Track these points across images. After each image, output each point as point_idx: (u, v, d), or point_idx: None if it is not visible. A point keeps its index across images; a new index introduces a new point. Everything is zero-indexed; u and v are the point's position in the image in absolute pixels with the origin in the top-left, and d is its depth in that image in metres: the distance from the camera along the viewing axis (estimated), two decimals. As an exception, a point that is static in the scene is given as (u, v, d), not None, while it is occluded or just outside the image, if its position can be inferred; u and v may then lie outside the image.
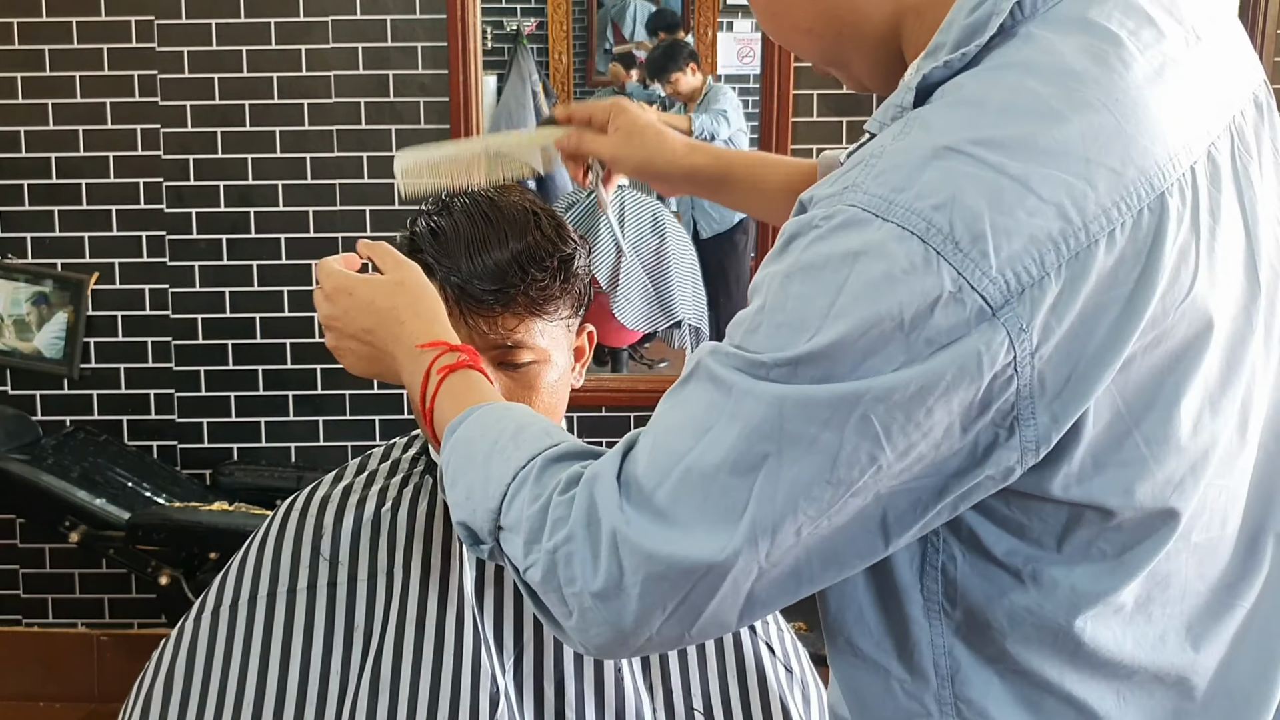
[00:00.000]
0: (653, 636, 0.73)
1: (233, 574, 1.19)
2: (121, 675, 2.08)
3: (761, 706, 1.15)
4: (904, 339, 0.64)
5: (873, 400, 0.64)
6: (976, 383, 0.64)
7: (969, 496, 0.70)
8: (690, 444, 0.69)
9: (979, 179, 0.64)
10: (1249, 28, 2.71)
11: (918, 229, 0.64)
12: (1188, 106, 0.71)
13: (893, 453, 0.66)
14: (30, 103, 2.76)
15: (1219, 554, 0.78)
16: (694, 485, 0.69)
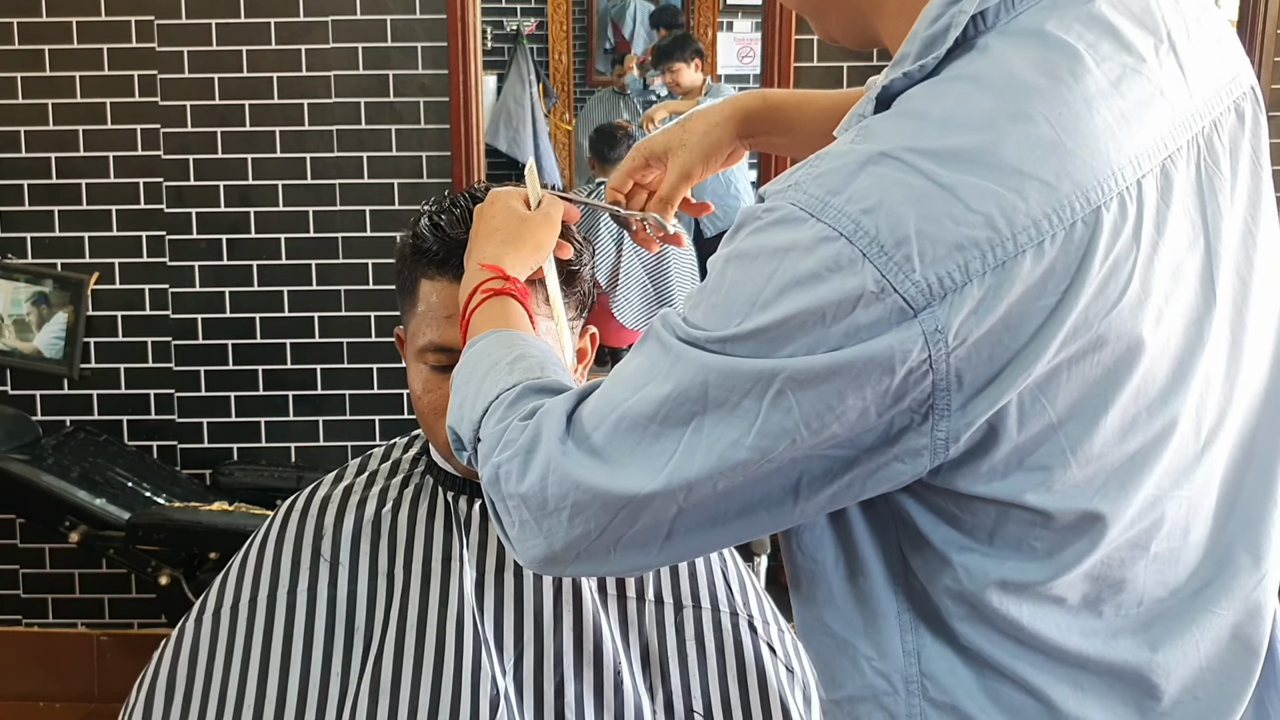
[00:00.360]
0: (580, 555, 0.79)
1: (233, 575, 1.19)
2: (121, 675, 2.08)
3: (762, 707, 1.15)
4: (823, 330, 0.68)
5: (789, 379, 0.69)
6: (890, 375, 0.68)
7: (880, 477, 0.73)
8: (629, 394, 0.76)
9: (908, 186, 0.66)
10: (1249, 28, 2.70)
11: (845, 230, 0.67)
12: (1143, 119, 0.71)
13: (806, 429, 0.70)
14: (30, 103, 2.76)
15: (1183, 562, 0.79)
16: (627, 430, 0.75)
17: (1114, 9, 0.73)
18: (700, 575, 1.22)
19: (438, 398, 1.14)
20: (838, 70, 2.71)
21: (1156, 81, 0.73)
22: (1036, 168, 0.67)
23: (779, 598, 1.28)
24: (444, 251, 1.12)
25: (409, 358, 1.18)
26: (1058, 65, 0.69)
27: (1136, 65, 0.72)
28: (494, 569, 1.16)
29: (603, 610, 1.16)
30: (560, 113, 5.51)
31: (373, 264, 2.80)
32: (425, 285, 1.13)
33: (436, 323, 1.12)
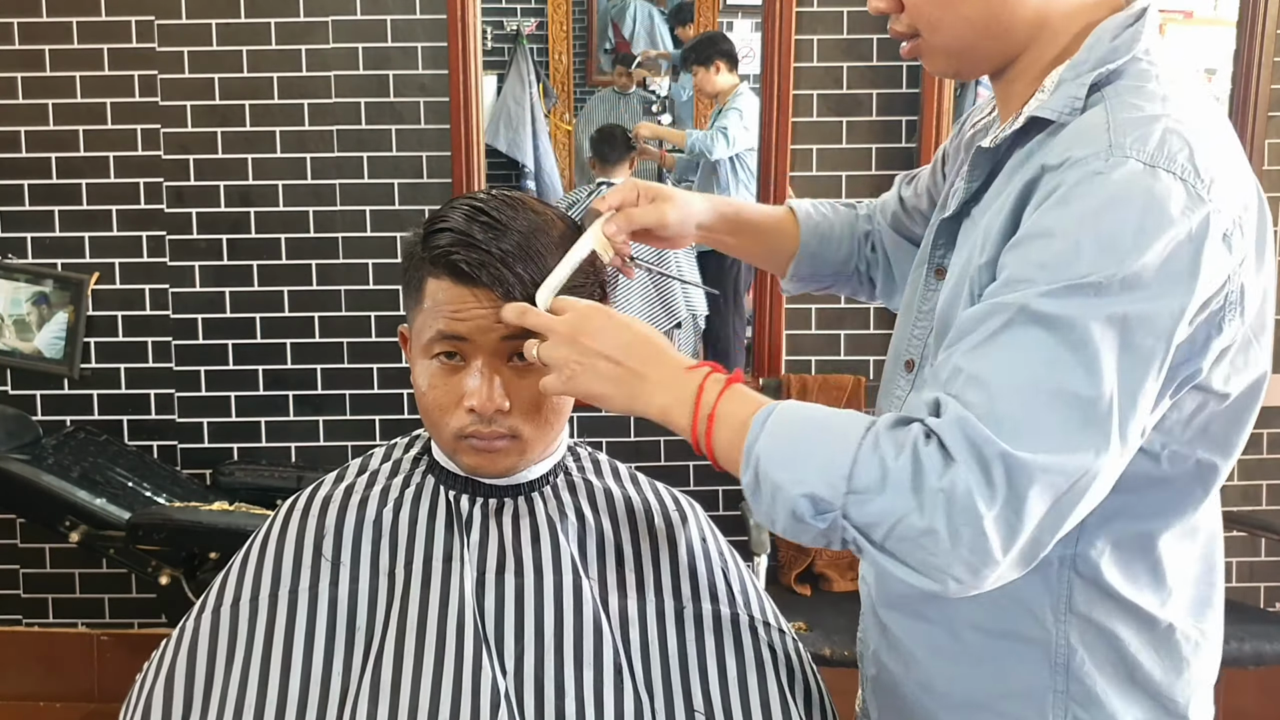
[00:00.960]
0: (1015, 556, 0.86)
1: (234, 574, 1.19)
2: (121, 675, 2.08)
3: (761, 707, 1.15)
4: (1193, 248, 0.87)
5: (1187, 309, 0.87)
6: (1220, 287, 0.90)
7: (1187, 383, 0.94)
8: (1043, 373, 0.85)
9: (1196, 144, 0.91)
10: (1249, 28, 2.70)
11: (1178, 172, 0.89)
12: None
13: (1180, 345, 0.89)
14: (30, 103, 2.76)
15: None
16: (1060, 404, 0.84)
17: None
18: (700, 574, 1.22)
19: (443, 394, 1.14)
20: (838, 70, 2.71)
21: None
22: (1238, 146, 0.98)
23: (779, 598, 1.28)
24: (468, 262, 1.11)
25: (414, 355, 1.18)
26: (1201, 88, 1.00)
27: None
28: (494, 568, 1.16)
29: (603, 611, 1.16)
30: (560, 113, 5.50)
31: (373, 264, 2.81)
32: (432, 284, 1.13)
33: (443, 317, 1.12)
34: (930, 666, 1.11)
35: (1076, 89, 0.98)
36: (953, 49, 1.05)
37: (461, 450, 1.16)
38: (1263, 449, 2.82)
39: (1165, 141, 0.90)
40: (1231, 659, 2.32)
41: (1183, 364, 0.92)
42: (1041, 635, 1.03)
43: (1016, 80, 1.06)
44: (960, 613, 1.06)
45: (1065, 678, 1.03)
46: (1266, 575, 2.92)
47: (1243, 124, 2.72)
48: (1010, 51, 1.04)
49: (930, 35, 1.04)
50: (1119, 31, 0.99)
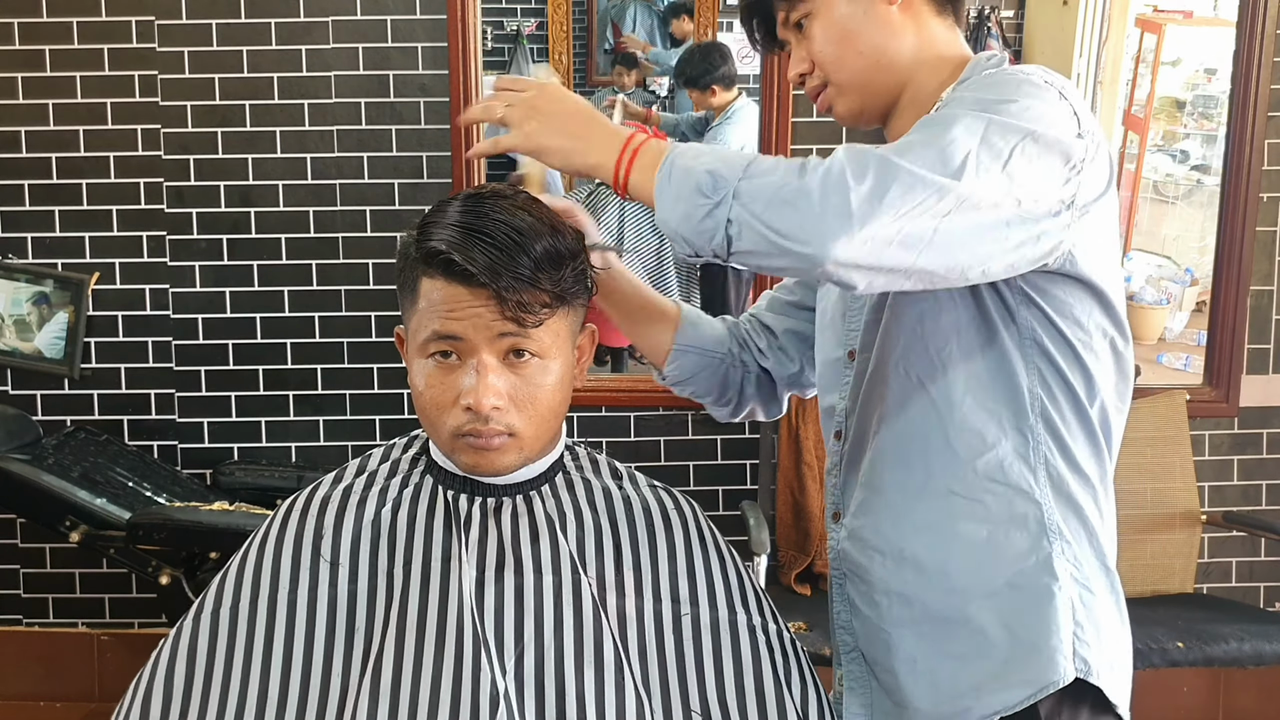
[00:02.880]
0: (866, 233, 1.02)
1: (232, 575, 1.19)
2: (122, 675, 2.08)
3: (759, 707, 1.15)
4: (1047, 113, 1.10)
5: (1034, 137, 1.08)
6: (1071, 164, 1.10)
7: (1054, 252, 1.12)
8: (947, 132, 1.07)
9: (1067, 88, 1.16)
10: (1249, 28, 2.70)
11: (1049, 80, 1.15)
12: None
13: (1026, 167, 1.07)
14: (31, 103, 2.76)
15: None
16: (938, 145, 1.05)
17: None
18: (700, 575, 1.22)
19: (440, 393, 1.14)
20: (837, 70, 2.71)
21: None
22: (1082, 105, 1.16)
23: (779, 597, 1.28)
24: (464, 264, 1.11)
25: (410, 355, 1.18)
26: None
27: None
28: (494, 568, 1.16)
29: (603, 609, 1.16)
30: (560, 113, 5.48)
31: (373, 264, 2.81)
32: (426, 283, 1.13)
33: (438, 316, 1.12)
34: (945, 570, 1.23)
35: (952, 91, 1.21)
36: (854, 84, 1.26)
37: (459, 449, 1.16)
38: (1263, 449, 2.82)
39: (1045, 74, 1.15)
40: (1231, 659, 2.32)
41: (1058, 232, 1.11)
42: (1035, 510, 1.21)
43: (903, 113, 1.26)
44: (956, 512, 1.22)
45: (1059, 540, 1.21)
46: (1266, 575, 2.92)
47: (1243, 124, 2.72)
48: (896, 86, 1.26)
49: (835, 75, 1.26)
50: (991, 57, 1.25)
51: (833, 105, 1.29)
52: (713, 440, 2.86)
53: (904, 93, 1.26)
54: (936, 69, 1.25)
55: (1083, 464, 1.23)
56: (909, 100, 1.26)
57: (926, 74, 1.25)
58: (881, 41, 1.24)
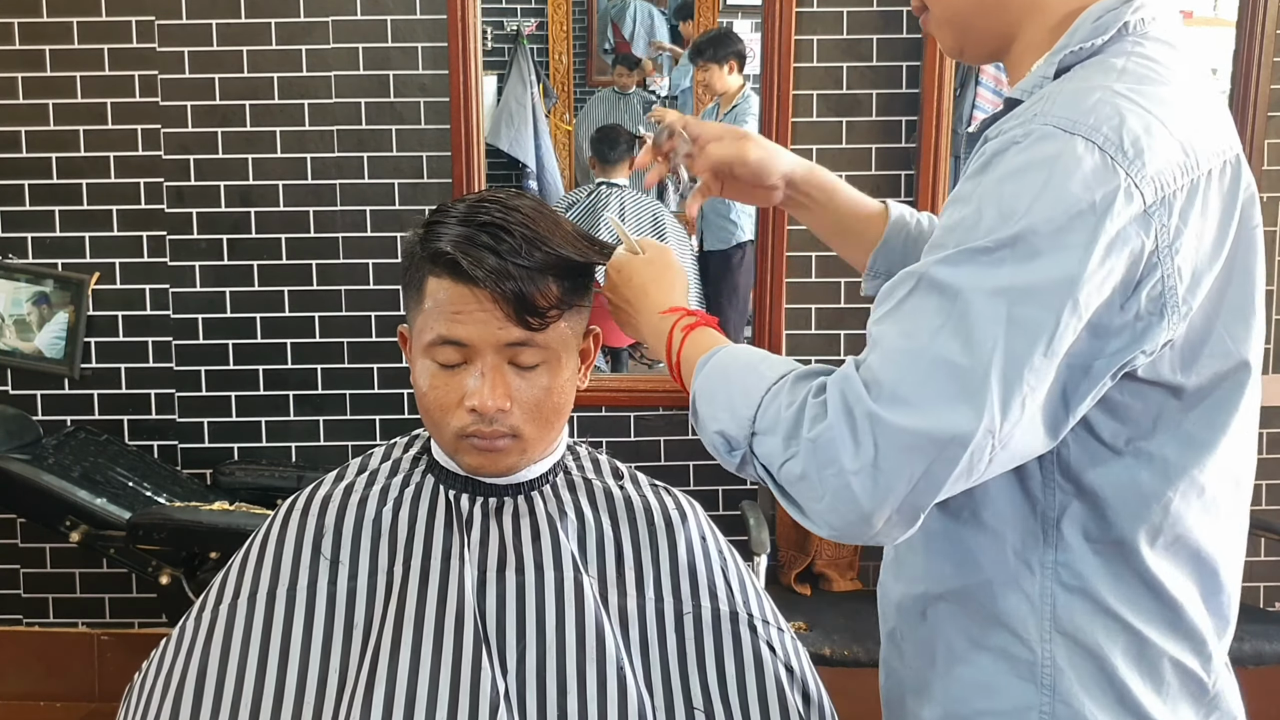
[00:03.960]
0: (891, 516, 0.86)
1: (233, 572, 1.19)
2: (122, 675, 2.08)
3: (760, 707, 1.15)
4: (1094, 220, 0.84)
5: (1080, 285, 0.84)
6: (1138, 265, 0.86)
7: (1123, 369, 0.90)
8: (925, 341, 0.85)
9: (1135, 112, 0.88)
10: (1249, 27, 2.70)
11: (1097, 140, 0.86)
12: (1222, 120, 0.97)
13: (1086, 325, 0.86)
14: (31, 103, 2.76)
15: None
16: (935, 371, 0.84)
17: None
18: (700, 574, 1.23)
19: (443, 393, 1.14)
20: (837, 71, 2.71)
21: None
22: (1205, 117, 0.93)
23: (779, 597, 1.28)
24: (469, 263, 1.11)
25: (414, 354, 1.18)
26: (1186, 61, 0.95)
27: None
28: (495, 567, 1.16)
29: (604, 609, 1.16)
30: (560, 113, 5.50)
31: (373, 264, 2.81)
32: (433, 283, 1.13)
33: (444, 318, 1.12)
34: (930, 675, 1.08)
35: (1045, 68, 0.97)
36: (952, 21, 1.07)
37: (463, 450, 1.16)
38: (1263, 449, 2.82)
39: (1094, 109, 0.88)
40: (1232, 659, 2.32)
41: (1117, 353, 0.88)
42: (1027, 655, 1.00)
43: (1017, 65, 1.05)
44: (954, 623, 1.04)
45: (1052, 699, 0.99)
46: (1266, 575, 2.92)
47: (1243, 124, 2.72)
48: (1005, 30, 1.04)
49: (933, 7, 1.08)
50: (1102, 14, 0.97)
51: (934, 34, 1.12)
52: (713, 440, 2.86)
53: (1015, 42, 1.05)
54: (1048, 18, 1.02)
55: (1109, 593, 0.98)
56: (1019, 54, 1.05)
57: (1039, 24, 1.03)
58: None
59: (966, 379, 0.84)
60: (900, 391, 0.85)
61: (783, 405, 0.92)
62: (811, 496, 0.89)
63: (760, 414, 0.94)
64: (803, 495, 0.90)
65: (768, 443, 0.93)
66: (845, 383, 0.88)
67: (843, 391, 0.87)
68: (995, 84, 2.90)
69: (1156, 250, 0.87)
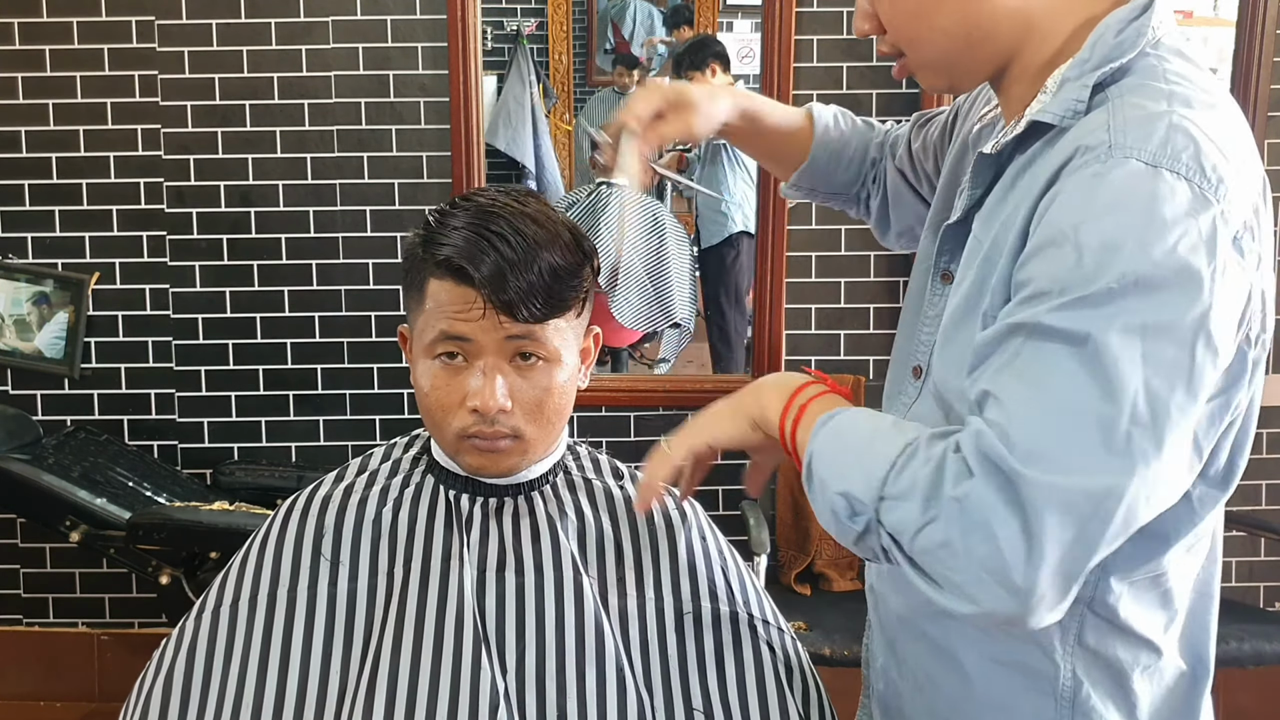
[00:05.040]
0: (1044, 586, 0.79)
1: (233, 573, 1.19)
2: (122, 675, 2.08)
3: (760, 707, 1.15)
4: (1206, 249, 0.81)
5: (1210, 316, 0.81)
6: (1244, 293, 0.84)
7: (1237, 410, 0.89)
8: (1058, 392, 0.80)
9: (1203, 139, 0.85)
10: (1249, 27, 2.70)
11: (1182, 171, 0.83)
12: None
13: (1219, 360, 0.83)
14: (31, 103, 2.76)
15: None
16: (1077, 422, 0.79)
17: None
18: (700, 574, 1.22)
19: (445, 394, 1.14)
20: (837, 70, 2.71)
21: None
22: (1249, 141, 0.91)
23: (779, 597, 1.28)
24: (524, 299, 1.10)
25: (415, 355, 1.18)
26: (1210, 75, 0.94)
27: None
28: (495, 567, 1.16)
29: (603, 609, 1.16)
30: (560, 113, 5.50)
31: (373, 264, 2.81)
32: (434, 284, 1.13)
33: (446, 317, 1.12)
34: (935, 691, 1.07)
35: (1079, 90, 0.92)
36: (938, 63, 1.00)
37: (464, 450, 1.16)
38: (1262, 449, 2.82)
39: (1169, 139, 0.84)
40: (1231, 659, 2.32)
41: (1232, 389, 0.87)
42: (1049, 668, 0.99)
43: (1014, 84, 1.00)
44: (967, 639, 1.03)
45: (1071, 711, 0.99)
46: (1266, 575, 2.92)
47: (1242, 124, 2.72)
48: (999, 58, 0.98)
49: (913, 53, 1.01)
50: (1123, 26, 0.93)
51: (914, 76, 1.05)
52: (713, 440, 2.86)
53: (1011, 65, 0.99)
54: (1048, 34, 0.96)
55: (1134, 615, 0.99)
56: (1017, 74, 0.99)
57: (1039, 37, 0.97)
58: (974, 10, 0.96)
59: (1111, 428, 0.79)
60: (1041, 447, 0.79)
61: (919, 464, 0.85)
62: (954, 567, 0.81)
63: (893, 476, 0.86)
64: (943, 566, 0.82)
65: (900, 509, 0.84)
66: (981, 439, 0.81)
67: (980, 447, 0.81)
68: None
69: (1254, 279, 0.86)
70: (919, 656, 1.08)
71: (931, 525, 0.82)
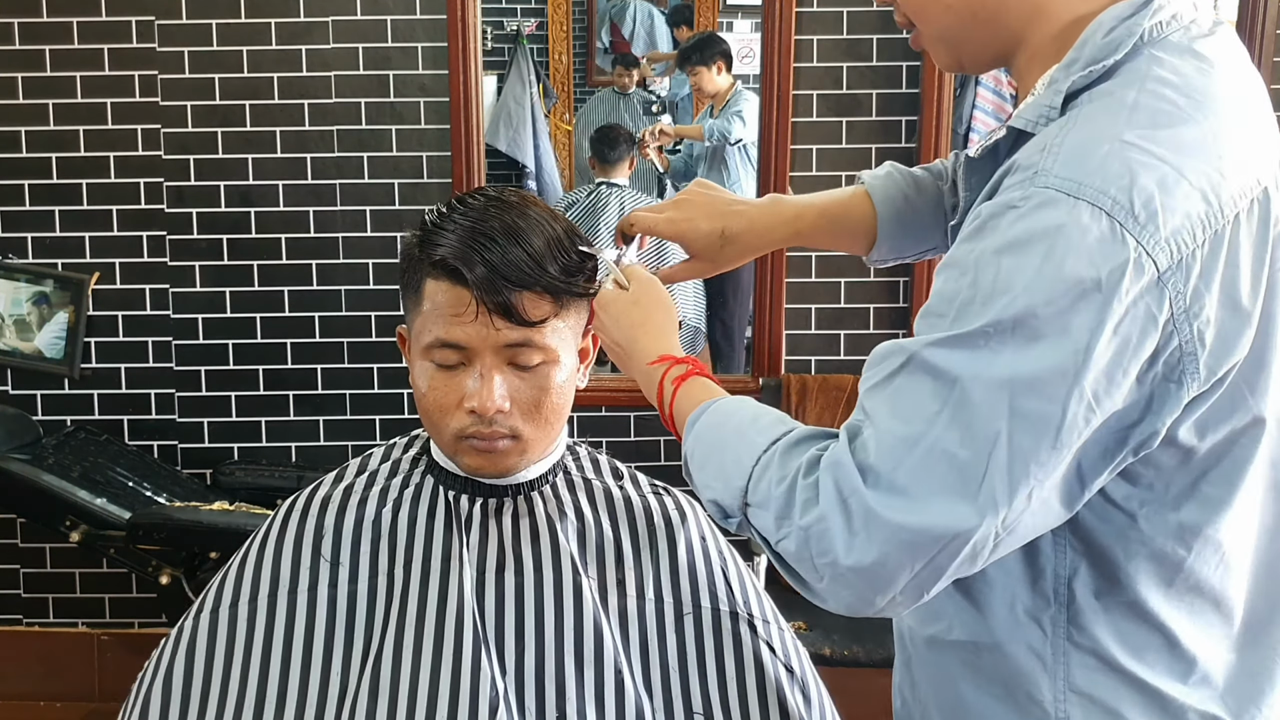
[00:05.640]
0: (895, 597, 0.83)
1: (233, 574, 1.19)
2: (122, 675, 2.08)
3: (760, 707, 1.15)
4: (1100, 299, 0.77)
5: (1087, 371, 0.77)
6: (1151, 339, 0.79)
7: (1144, 445, 0.83)
8: (922, 428, 0.80)
9: (1148, 165, 0.79)
10: (1249, 28, 2.70)
11: (1104, 205, 0.78)
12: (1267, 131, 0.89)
13: (1098, 412, 0.79)
14: (31, 103, 2.76)
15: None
16: (933, 463, 0.80)
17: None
18: (700, 574, 1.22)
19: (443, 395, 1.14)
20: (837, 70, 2.71)
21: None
22: (1229, 151, 0.82)
23: (779, 597, 1.28)
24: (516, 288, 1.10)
25: (413, 356, 1.18)
26: (1211, 73, 0.85)
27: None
28: (494, 568, 1.16)
29: (603, 610, 1.16)
30: (560, 113, 5.50)
31: (373, 264, 2.81)
32: (431, 285, 1.13)
33: (443, 320, 1.12)
34: (937, 715, 1.05)
35: (1052, 96, 0.88)
36: (945, 38, 0.98)
37: (462, 451, 1.16)
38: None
39: (1102, 167, 0.79)
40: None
41: (1133, 426, 0.82)
42: (1040, 715, 0.95)
43: (1025, 75, 0.96)
44: (966, 671, 1.00)
45: None
46: (1266, 575, 2.92)
47: (1242, 124, 2.72)
48: (1007, 40, 0.95)
49: (922, 26, 0.99)
50: (1115, 25, 0.87)
51: (926, 50, 1.03)
52: (713, 440, 2.86)
53: (1020, 49, 0.95)
54: (1052, 24, 0.92)
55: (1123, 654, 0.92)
56: (1026, 63, 0.95)
57: (1042, 31, 0.93)
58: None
59: (967, 474, 0.79)
60: (897, 481, 0.80)
61: (773, 481, 0.88)
62: (811, 576, 0.86)
63: (752, 486, 0.90)
64: (801, 572, 0.87)
65: (762, 517, 0.89)
66: (838, 470, 0.83)
67: (836, 480, 0.83)
68: (996, 84, 2.90)
69: (1173, 318, 0.79)
70: (928, 681, 1.06)
71: (785, 540, 0.87)
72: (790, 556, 0.87)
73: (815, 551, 0.84)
